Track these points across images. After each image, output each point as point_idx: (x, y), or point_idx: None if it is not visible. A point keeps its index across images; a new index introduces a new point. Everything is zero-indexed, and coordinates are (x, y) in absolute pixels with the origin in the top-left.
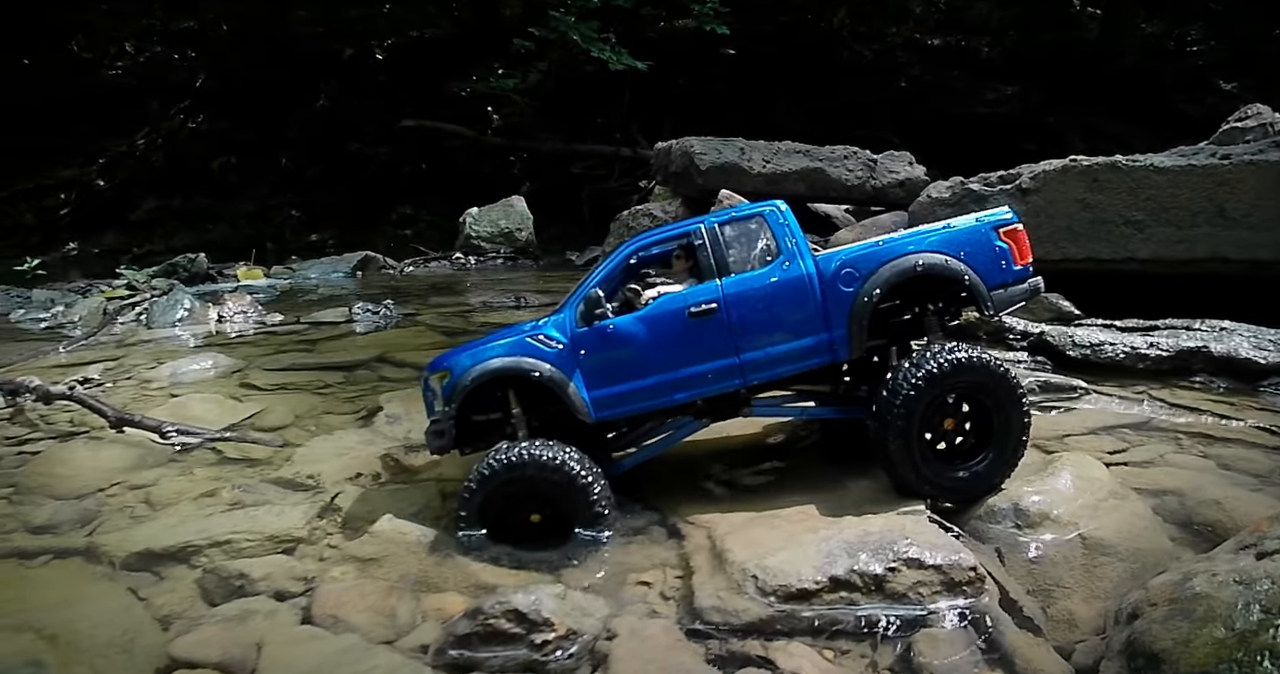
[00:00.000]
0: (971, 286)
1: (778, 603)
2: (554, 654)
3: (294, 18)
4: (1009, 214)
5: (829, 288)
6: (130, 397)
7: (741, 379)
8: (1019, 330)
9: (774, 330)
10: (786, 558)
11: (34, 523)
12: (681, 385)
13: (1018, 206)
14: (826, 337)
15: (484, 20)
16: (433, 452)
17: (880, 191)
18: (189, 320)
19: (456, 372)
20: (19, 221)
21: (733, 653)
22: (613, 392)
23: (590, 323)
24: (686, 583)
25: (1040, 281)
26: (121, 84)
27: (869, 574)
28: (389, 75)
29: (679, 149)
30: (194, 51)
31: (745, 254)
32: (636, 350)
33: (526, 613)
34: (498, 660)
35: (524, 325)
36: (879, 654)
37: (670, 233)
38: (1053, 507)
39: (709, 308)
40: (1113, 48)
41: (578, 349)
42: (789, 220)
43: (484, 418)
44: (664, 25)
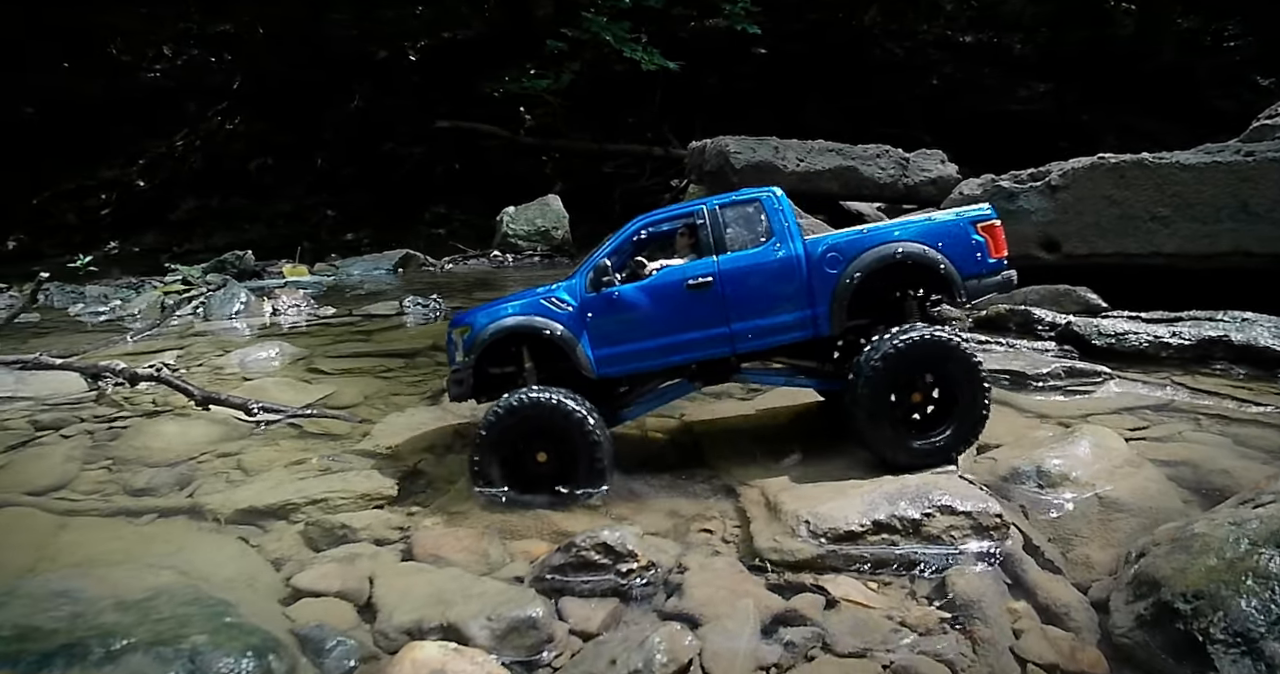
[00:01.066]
0: (946, 274)
1: (827, 543)
2: (636, 581)
3: (328, 20)
4: (988, 210)
5: (815, 269)
6: (206, 380)
7: (731, 347)
8: (1047, 321)
9: (762, 304)
10: (834, 506)
11: (134, 486)
12: (676, 349)
13: (1047, 203)
14: (810, 313)
15: (516, 21)
16: (452, 398)
17: (912, 190)
18: (245, 313)
19: (476, 327)
20: (61, 221)
21: (789, 583)
22: (614, 351)
23: (598, 289)
24: (745, 530)
25: (1014, 275)
26: (160, 86)
27: (907, 519)
28: (422, 76)
29: (713, 148)
30: (230, 54)
31: (742, 234)
32: (638, 316)
33: (614, 546)
34: (588, 586)
35: (538, 289)
36: (916, 586)
37: (676, 211)
38: (1072, 469)
39: (705, 281)
40: (1147, 44)
41: (585, 312)
42: (784, 206)
43: (500, 371)
44: (694, 25)
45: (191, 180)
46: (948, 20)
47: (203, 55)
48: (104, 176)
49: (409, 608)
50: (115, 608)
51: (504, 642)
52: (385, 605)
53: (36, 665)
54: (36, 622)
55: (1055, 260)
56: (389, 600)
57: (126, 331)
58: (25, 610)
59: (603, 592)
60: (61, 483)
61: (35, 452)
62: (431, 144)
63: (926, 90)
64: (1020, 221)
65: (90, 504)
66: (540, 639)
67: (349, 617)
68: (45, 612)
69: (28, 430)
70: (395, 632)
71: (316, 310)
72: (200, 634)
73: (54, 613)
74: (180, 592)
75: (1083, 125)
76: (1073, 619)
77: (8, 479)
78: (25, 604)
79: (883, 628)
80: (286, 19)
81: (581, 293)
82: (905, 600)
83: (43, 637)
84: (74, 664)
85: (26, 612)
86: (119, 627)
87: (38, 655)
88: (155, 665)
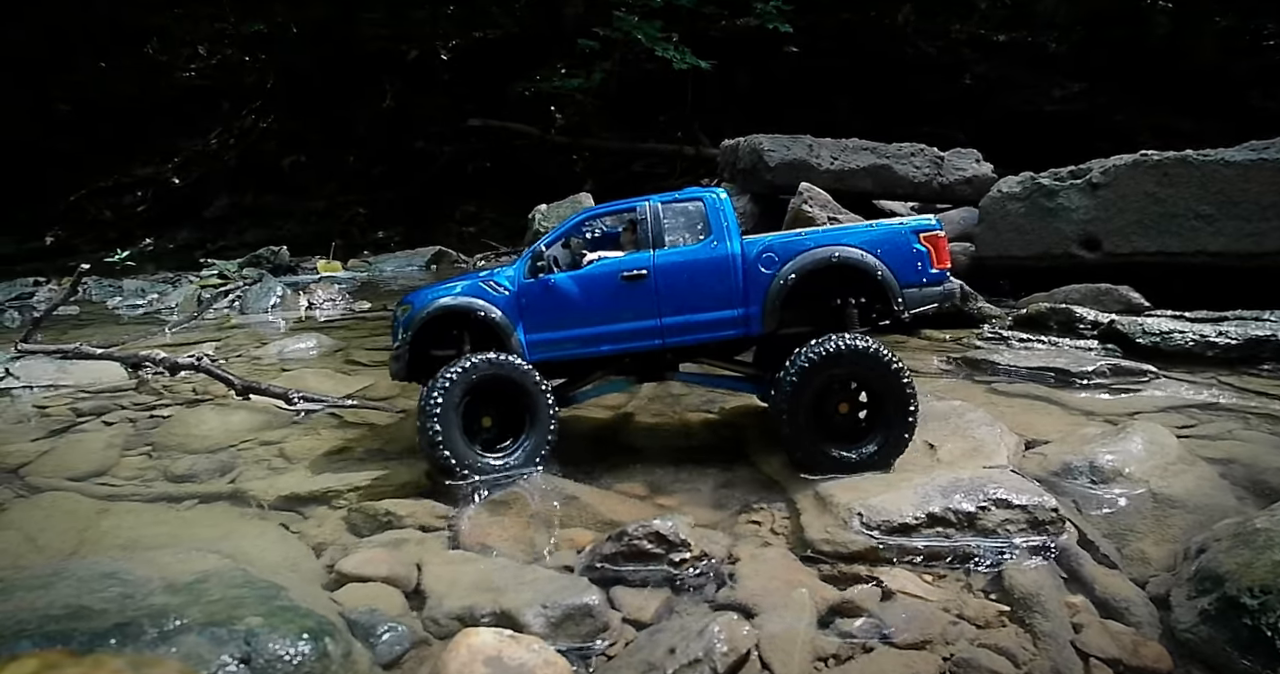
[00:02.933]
0: (883, 281)
1: (881, 535)
2: (688, 571)
3: (361, 20)
4: (932, 220)
5: (750, 268)
6: (244, 371)
7: (661, 340)
8: (1089, 319)
9: (695, 299)
10: (887, 499)
11: (176, 472)
12: (608, 338)
13: (1088, 201)
14: (743, 311)
15: (546, 21)
16: (392, 375)
17: (947, 188)
18: (281, 307)
19: (416, 306)
20: (98, 218)
21: (843, 574)
22: (547, 337)
23: (535, 275)
24: (794, 521)
25: (956, 287)
26: (195, 86)
27: (962, 512)
28: (453, 75)
29: (747, 146)
30: (264, 54)
31: (681, 231)
32: (572, 303)
33: (667, 535)
34: (640, 575)
35: (480, 272)
36: (972, 579)
37: (617, 207)
38: (1125, 465)
39: (639, 273)
40: (1184, 43)
41: (521, 297)
42: (725, 206)
43: (441, 353)
44: (725, 24)
45: (225, 178)
46: (981, 19)
47: (237, 55)
48: (140, 174)
49: (459, 595)
50: (165, 590)
51: (559, 629)
52: (434, 592)
53: (89, 643)
54: (86, 601)
55: (1096, 259)
56: (438, 587)
57: (164, 324)
58: (74, 591)
59: (655, 581)
60: (103, 469)
61: (77, 438)
62: (462, 143)
63: (960, 89)
64: (1060, 219)
65: (131, 489)
66: (595, 627)
67: (397, 602)
68: (94, 592)
69: (70, 417)
70: (446, 618)
71: (352, 305)
72: (254, 616)
73: (103, 594)
74: (229, 575)
75: (1118, 125)
76: (1133, 614)
77: (50, 464)
78: (73, 585)
79: (941, 620)
80: (319, 19)
81: (520, 278)
82: (962, 593)
83: (93, 616)
84: (127, 643)
85: (75, 592)
86: (170, 608)
87: (89, 634)
88: (210, 646)
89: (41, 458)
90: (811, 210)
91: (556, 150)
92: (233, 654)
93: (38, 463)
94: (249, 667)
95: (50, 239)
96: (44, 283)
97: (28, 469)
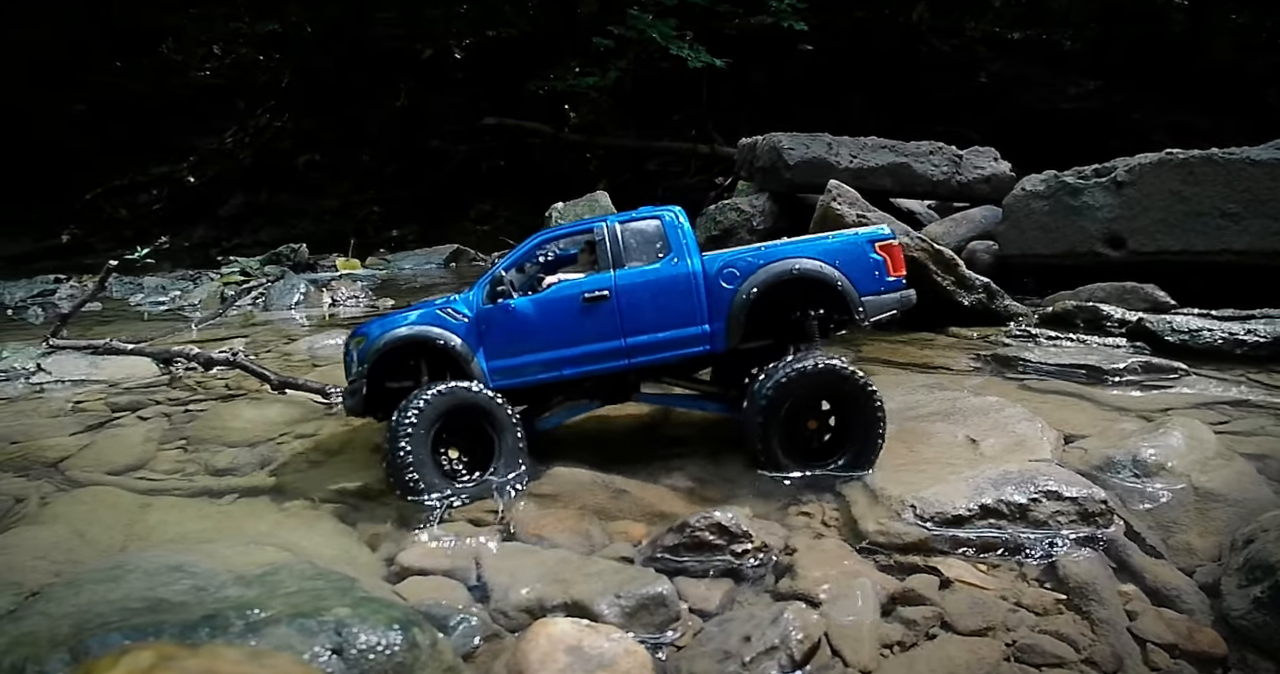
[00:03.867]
0: (843, 291)
1: (935, 527)
2: (748, 562)
3: (375, 19)
4: (886, 230)
5: (712, 284)
6: (276, 367)
7: (627, 360)
8: (1115, 317)
9: (658, 318)
10: (939, 491)
11: (216, 466)
12: (572, 362)
13: (1112, 199)
14: (706, 328)
15: (559, 19)
16: (347, 411)
17: (966, 187)
18: (304, 304)
19: (371, 337)
20: (114, 216)
21: (900, 564)
22: (509, 363)
23: (494, 300)
24: (845, 513)
25: (912, 294)
26: (210, 85)
27: (1014, 504)
28: (467, 74)
29: (765, 144)
30: (279, 53)
31: (640, 250)
32: (533, 328)
33: (728, 526)
34: (701, 566)
35: (436, 300)
36: (1025, 569)
37: (575, 228)
38: (1167, 459)
39: (601, 294)
40: (1201, 41)
41: (480, 323)
42: (683, 224)
43: (397, 385)
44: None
45: (240, 176)
46: (996, 16)
47: (251, 54)
48: (155, 173)
49: (524, 587)
50: (236, 582)
51: (633, 619)
52: (498, 584)
53: (180, 635)
54: (161, 594)
55: (1120, 257)
56: (500, 579)
57: (187, 320)
58: (145, 584)
59: (716, 572)
60: (141, 462)
61: (114, 432)
62: (476, 141)
63: (974, 87)
64: (1084, 217)
65: (172, 483)
66: (668, 617)
67: (461, 595)
68: (165, 585)
69: (105, 412)
70: (514, 610)
71: (375, 302)
72: (340, 607)
73: (174, 586)
74: (299, 567)
75: (1134, 123)
76: (1184, 602)
77: (89, 459)
78: (141, 578)
79: (1000, 608)
80: (333, 18)
81: (478, 304)
82: (1017, 582)
83: (175, 609)
84: (217, 635)
85: (147, 585)
86: (250, 600)
87: (179, 626)
88: (300, 637)
89: (81, 452)
90: (840, 208)
91: (570, 149)
92: (324, 645)
93: (77, 457)
94: (341, 657)
95: (66, 237)
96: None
97: (67, 463)
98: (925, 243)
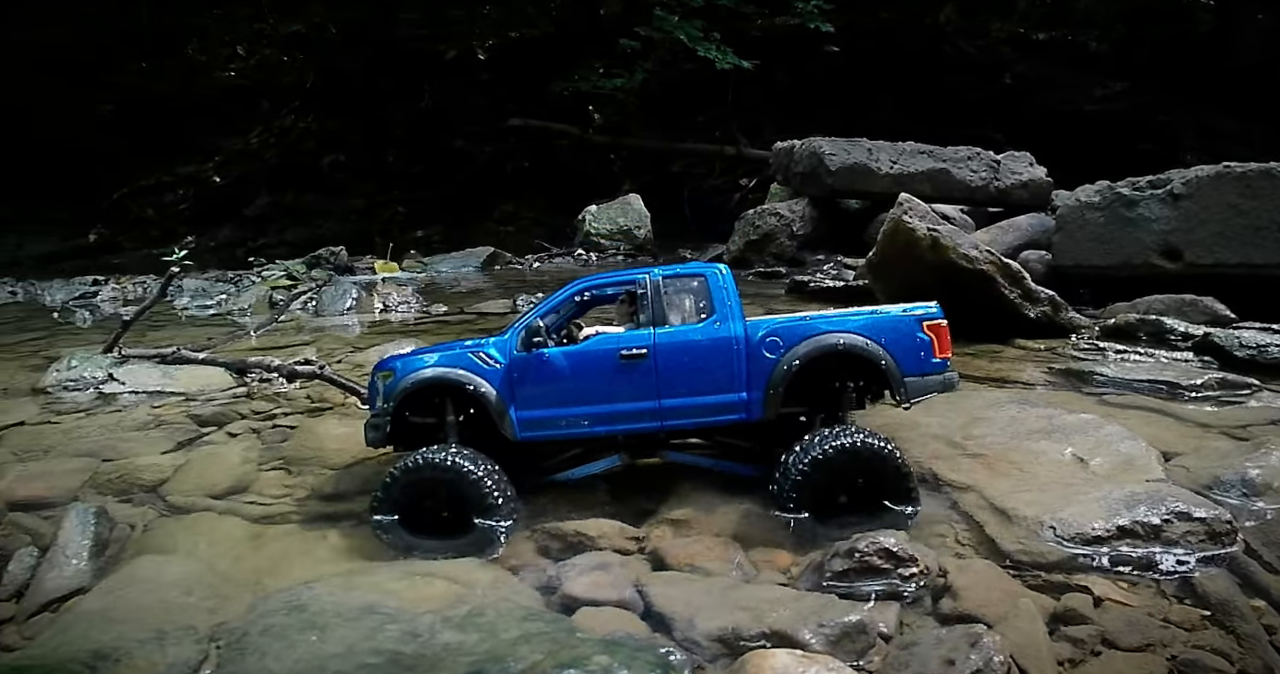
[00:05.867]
0: (886, 371)
1: (1075, 546)
2: (912, 585)
3: (398, 20)
4: (935, 308)
5: (753, 352)
6: (352, 378)
7: (659, 422)
8: (1180, 331)
9: (696, 382)
10: (1075, 512)
11: (324, 490)
12: (604, 419)
13: (1169, 211)
14: (744, 396)
15: (582, 20)
16: (368, 443)
17: (1004, 193)
18: (356, 309)
19: (399, 374)
20: (140, 216)
21: (1049, 582)
22: (540, 415)
23: (529, 349)
24: (979, 533)
25: (955, 377)
26: (235, 86)
27: (1148, 524)
28: (491, 75)
29: (805, 149)
30: (303, 54)
31: (682, 308)
32: (567, 381)
33: (895, 551)
34: (869, 590)
35: (468, 342)
36: (1163, 585)
37: (618, 278)
38: (1273, 479)
39: (639, 352)
40: (1228, 41)
41: (513, 371)
42: (728, 284)
43: (421, 421)
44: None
45: (266, 177)
46: (1020, 18)
47: (276, 55)
48: (181, 173)
49: (708, 616)
50: (445, 625)
51: (836, 647)
52: (675, 614)
53: None
54: (382, 643)
55: (1177, 269)
56: (674, 609)
57: (239, 325)
58: (353, 632)
59: (881, 595)
60: (243, 485)
61: (207, 450)
62: (500, 142)
63: (999, 89)
64: (1140, 229)
65: (282, 509)
66: (867, 643)
67: (639, 626)
68: (377, 632)
69: (191, 427)
70: (706, 640)
71: (427, 307)
72: (596, 654)
73: (384, 633)
74: (496, 604)
75: (1160, 125)
76: None
77: (188, 481)
78: (341, 623)
79: (1151, 625)
80: (357, 19)
81: (512, 351)
82: (1158, 600)
83: (423, 663)
84: None
85: (357, 633)
86: (491, 649)
87: None
88: None
89: (178, 473)
90: (912, 222)
91: (594, 150)
92: None
93: (175, 478)
94: None
95: (94, 236)
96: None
97: (167, 487)
98: (993, 255)
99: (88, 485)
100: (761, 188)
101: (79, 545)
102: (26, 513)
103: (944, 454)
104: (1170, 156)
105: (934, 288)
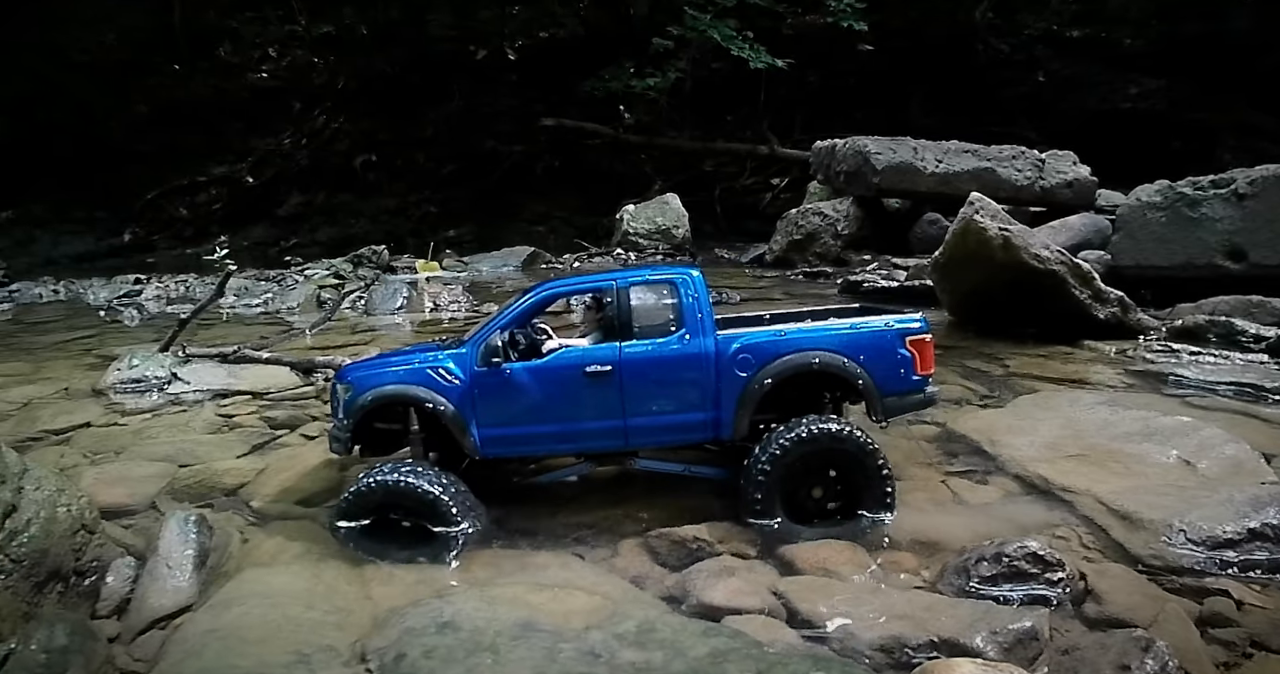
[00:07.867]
0: (864, 390)
1: (1207, 550)
2: (1057, 589)
3: (429, 21)
4: (919, 322)
5: (724, 369)
6: None
7: (625, 441)
8: (1251, 332)
9: (663, 401)
10: (1203, 515)
11: None
12: (567, 438)
13: (1233, 211)
14: (713, 415)
15: (611, 20)
16: (333, 452)
17: (1049, 192)
18: (407, 308)
19: (357, 389)
20: (174, 215)
21: (1185, 585)
22: (502, 433)
23: (490, 365)
24: (1103, 536)
25: (937, 392)
26: (267, 87)
27: (1276, 526)
28: (521, 75)
29: (849, 149)
30: (334, 55)
31: (650, 319)
32: (530, 398)
33: (1044, 556)
34: (1015, 594)
35: (426, 355)
36: None
37: (584, 284)
38: None
39: (605, 370)
40: (1265, 37)
41: (474, 388)
42: (699, 291)
43: (386, 426)
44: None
45: (298, 177)
46: (1054, 15)
47: (307, 56)
48: (214, 173)
49: (863, 623)
50: (621, 642)
51: (1010, 654)
52: (824, 621)
53: None
54: (570, 667)
55: (1240, 270)
56: (820, 614)
57: (288, 323)
58: (532, 654)
59: (1026, 600)
60: (329, 491)
61: (286, 453)
62: (532, 142)
63: (1033, 87)
64: (1204, 229)
65: None
66: (1037, 650)
67: (789, 635)
68: (554, 652)
69: (264, 429)
70: (868, 649)
71: (478, 306)
72: (814, 671)
73: (563, 653)
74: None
75: (1196, 123)
76: None
77: (272, 487)
78: (513, 645)
79: None
80: (388, 21)
81: (472, 366)
82: None
83: None
84: None
85: (537, 655)
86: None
87: None
88: None
89: (258, 478)
90: (984, 221)
91: (624, 150)
92: None
93: (256, 484)
94: None
95: (128, 236)
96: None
97: (249, 492)
98: (1064, 255)
99: (165, 491)
100: (793, 187)
101: (182, 556)
102: (109, 521)
103: (1044, 457)
104: (1206, 155)
105: (1002, 289)
